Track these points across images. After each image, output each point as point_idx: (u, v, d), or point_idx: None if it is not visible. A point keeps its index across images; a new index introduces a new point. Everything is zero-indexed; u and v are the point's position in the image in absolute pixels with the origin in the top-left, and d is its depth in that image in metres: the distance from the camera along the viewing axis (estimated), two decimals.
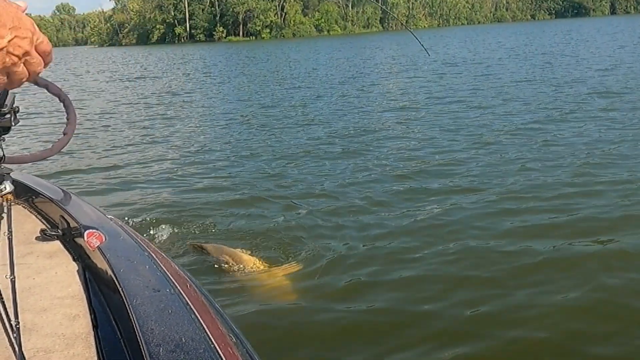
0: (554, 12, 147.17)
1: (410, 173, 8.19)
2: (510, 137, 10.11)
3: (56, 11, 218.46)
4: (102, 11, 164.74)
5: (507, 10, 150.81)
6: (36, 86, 2.58)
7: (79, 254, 2.40)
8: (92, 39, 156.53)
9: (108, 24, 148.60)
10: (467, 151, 9.34)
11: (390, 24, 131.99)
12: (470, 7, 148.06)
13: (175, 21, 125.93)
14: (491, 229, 5.90)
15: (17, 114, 2.48)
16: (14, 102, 2.49)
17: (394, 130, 11.69)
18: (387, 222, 6.25)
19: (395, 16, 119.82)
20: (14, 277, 1.88)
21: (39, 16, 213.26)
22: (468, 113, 13.11)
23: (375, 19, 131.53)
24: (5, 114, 2.44)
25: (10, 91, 2.38)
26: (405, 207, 6.67)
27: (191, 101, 19.22)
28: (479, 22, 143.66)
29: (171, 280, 1.91)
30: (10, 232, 2.16)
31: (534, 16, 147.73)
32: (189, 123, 14.40)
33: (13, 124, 2.48)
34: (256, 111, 15.74)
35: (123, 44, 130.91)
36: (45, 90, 2.63)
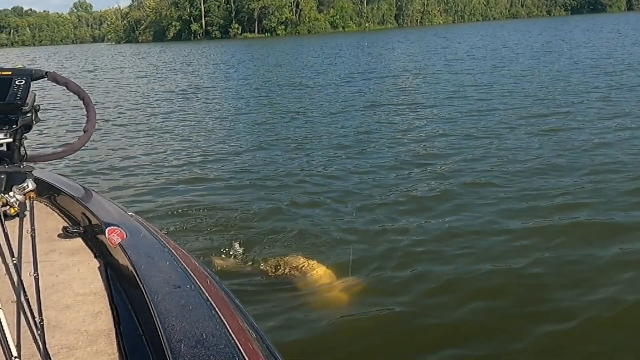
0: (569, 8, 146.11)
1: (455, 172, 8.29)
2: (527, 131, 10.56)
3: (74, 8, 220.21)
4: (119, 8, 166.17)
5: (522, 6, 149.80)
6: (56, 84, 2.77)
7: (101, 251, 2.44)
8: (109, 36, 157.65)
9: (125, 21, 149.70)
10: (482, 141, 9.88)
11: (405, 21, 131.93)
12: (485, 3, 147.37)
13: (191, 18, 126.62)
14: (510, 214, 6.36)
15: (38, 112, 2.55)
16: (35, 101, 2.49)
17: (417, 126, 11.94)
18: (416, 214, 6.55)
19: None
20: (38, 275, 1.94)
21: (57, 13, 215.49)
22: (483, 105, 13.58)
23: (390, 16, 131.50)
24: (27, 112, 2.45)
25: (30, 90, 2.44)
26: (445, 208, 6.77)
27: (207, 97, 19.46)
28: (494, 18, 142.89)
29: (191, 276, 1.93)
30: (33, 229, 2.22)
31: (549, 12, 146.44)
32: (209, 119, 14.66)
33: (34, 122, 2.48)
34: (277, 107, 16.06)
35: (140, 41, 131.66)
36: (65, 88, 2.77)
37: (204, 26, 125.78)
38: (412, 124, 12.10)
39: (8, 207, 2.27)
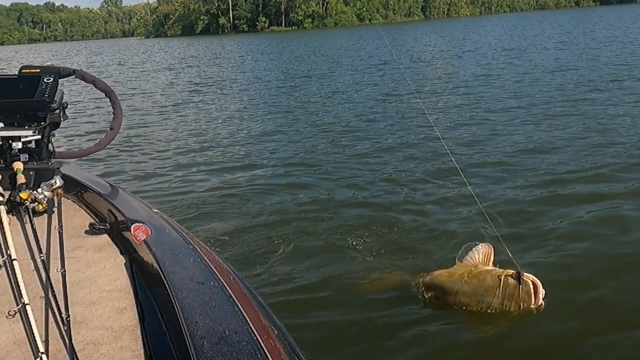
0: None
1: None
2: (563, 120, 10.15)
3: (104, 4, 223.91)
4: (148, 3, 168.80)
5: None
6: (83, 82, 2.96)
7: (126, 248, 2.45)
8: (139, 31, 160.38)
9: (154, 16, 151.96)
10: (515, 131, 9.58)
11: (432, 13, 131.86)
12: None
13: (219, 12, 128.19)
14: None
15: (66, 110, 2.73)
16: (62, 98, 2.70)
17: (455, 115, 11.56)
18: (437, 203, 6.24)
19: None
20: (65, 271, 2.01)
21: (88, 8, 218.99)
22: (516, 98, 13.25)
23: (417, 8, 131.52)
24: (55, 109, 2.63)
25: (59, 87, 2.55)
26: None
27: (240, 89, 19.42)
28: (521, 10, 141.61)
29: (215, 273, 1.97)
30: (60, 226, 2.30)
31: (578, 3, 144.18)
32: (234, 112, 14.45)
33: (62, 119, 2.74)
34: (310, 98, 15.87)
35: (168, 35, 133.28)
36: (92, 86, 2.94)
37: (231, 20, 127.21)
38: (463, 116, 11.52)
39: (36, 203, 2.46)
